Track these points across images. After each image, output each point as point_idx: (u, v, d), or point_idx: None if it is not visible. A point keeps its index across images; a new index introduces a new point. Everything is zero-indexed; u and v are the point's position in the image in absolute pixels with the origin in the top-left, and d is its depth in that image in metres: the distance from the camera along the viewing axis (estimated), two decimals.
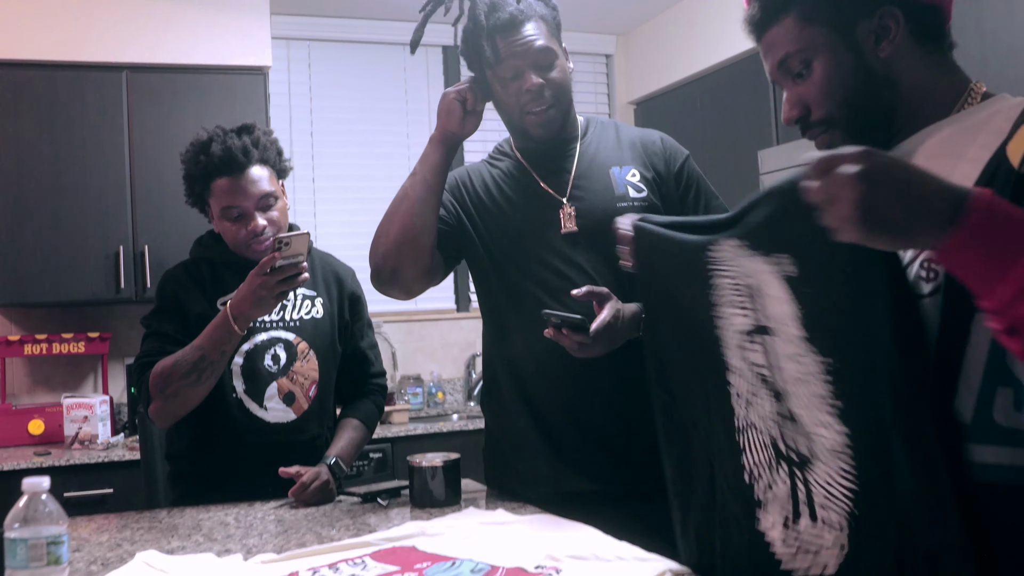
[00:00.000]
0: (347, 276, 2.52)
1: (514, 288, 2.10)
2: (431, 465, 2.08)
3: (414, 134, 4.89)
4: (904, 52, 1.29)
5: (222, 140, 2.26)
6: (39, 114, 3.85)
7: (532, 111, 2.04)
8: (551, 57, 2.03)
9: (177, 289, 2.32)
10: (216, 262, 2.36)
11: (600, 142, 2.17)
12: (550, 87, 2.03)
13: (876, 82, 1.29)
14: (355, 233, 4.68)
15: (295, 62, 4.72)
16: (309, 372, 2.34)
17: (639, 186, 2.11)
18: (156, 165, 3.93)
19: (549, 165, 2.13)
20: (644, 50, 5.05)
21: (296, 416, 2.31)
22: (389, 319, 4.56)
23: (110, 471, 3.46)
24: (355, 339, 2.49)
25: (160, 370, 2.17)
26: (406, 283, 2.10)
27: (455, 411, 4.68)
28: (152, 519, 2.10)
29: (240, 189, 2.25)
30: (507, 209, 2.12)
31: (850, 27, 1.29)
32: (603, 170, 2.12)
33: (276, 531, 1.91)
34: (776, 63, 1.35)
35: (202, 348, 2.14)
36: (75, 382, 4.23)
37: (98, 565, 1.69)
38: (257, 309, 2.11)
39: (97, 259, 3.89)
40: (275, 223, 2.30)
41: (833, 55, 1.30)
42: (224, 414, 2.25)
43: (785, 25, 1.32)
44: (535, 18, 2.02)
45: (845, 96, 1.30)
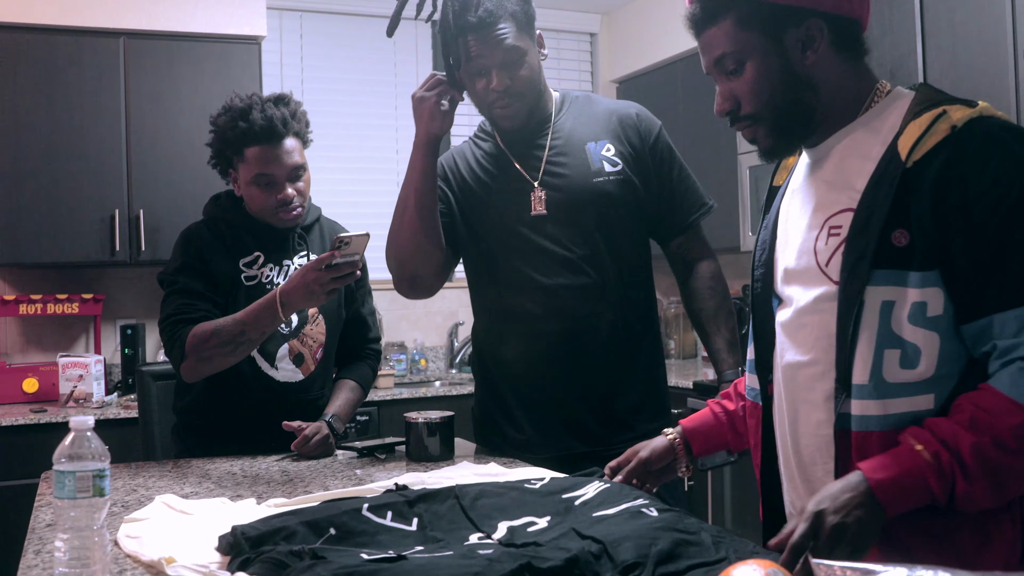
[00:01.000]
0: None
1: (496, 264, 2.21)
2: (427, 421, 2.20)
3: (402, 106, 4.98)
4: (825, 59, 1.44)
5: (262, 108, 2.30)
6: (37, 78, 3.91)
7: (497, 107, 2.14)
8: (518, 55, 2.10)
9: (203, 247, 2.36)
10: (235, 223, 2.41)
11: (576, 118, 2.24)
12: (516, 85, 2.12)
13: (799, 85, 1.44)
14: (344, 203, 4.77)
15: (287, 32, 4.79)
16: (317, 335, 2.43)
17: (614, 160, 2.19)
18: (152, 130, 4.01)
19: (524, 146, 2.21)
20: (628, 29, 5.15)
21: (303, 376, 2.41)
22: (375, 287, 4.63)
23: (105, 428, 3.48)
24: (356, 304, 2.58)
25: (199, 333, 2.21)
26: (426, 285, 2.26)
27: (437, 378, 4.81)
28: (160, 468, 2.22)
29: (275, 158, 2.30)
30: (485, 191, 2.23)
31: (780, 35, 1.42)
32: (579, 146, 2.20)
33: (282, 480, 2.03)
34: (712, 60, 1.48)
35: (244, 324, 2.18)
36: (67, 342, 4.32)
37: (118, 507, 1.81)
38: (306, 301, 2.15)
39: (92, 222, 3.97)
40: (302, 193, 2.37)
41: (763, 58, 1.43)
42: (237, 371, 2.31)
43: (723, 27, 1.45)
44: (505, 17, 2.07)
45: (771, 96, 1.44)
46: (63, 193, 3.93)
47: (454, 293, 4.99)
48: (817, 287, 1.43)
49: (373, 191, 4.83)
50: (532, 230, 2.16)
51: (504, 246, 2.19)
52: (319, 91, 4.85)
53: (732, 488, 3.59)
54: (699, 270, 2.29)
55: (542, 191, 2.17)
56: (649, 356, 2.26)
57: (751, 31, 1.43)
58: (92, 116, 3.98)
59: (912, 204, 1.32)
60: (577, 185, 2.16)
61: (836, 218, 1.42)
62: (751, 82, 1.45)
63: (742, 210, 4.02)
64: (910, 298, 1.32)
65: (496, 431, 2.27)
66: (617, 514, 1.44)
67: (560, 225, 2.15)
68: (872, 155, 1.40)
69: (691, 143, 4.46)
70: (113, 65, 4.01)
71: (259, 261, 2.38)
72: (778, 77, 1.44)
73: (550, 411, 2.18)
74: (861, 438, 1.35)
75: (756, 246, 1.63)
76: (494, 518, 1.46)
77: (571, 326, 2.14)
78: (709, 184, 4.26)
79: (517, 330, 2.20)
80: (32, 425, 3.58)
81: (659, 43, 4.80)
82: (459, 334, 4.97)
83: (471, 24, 2.06)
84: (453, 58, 2.12)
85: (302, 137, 2.39)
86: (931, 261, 1.31)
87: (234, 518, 1.57)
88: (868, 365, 1.34)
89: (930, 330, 1.32)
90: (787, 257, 1.51)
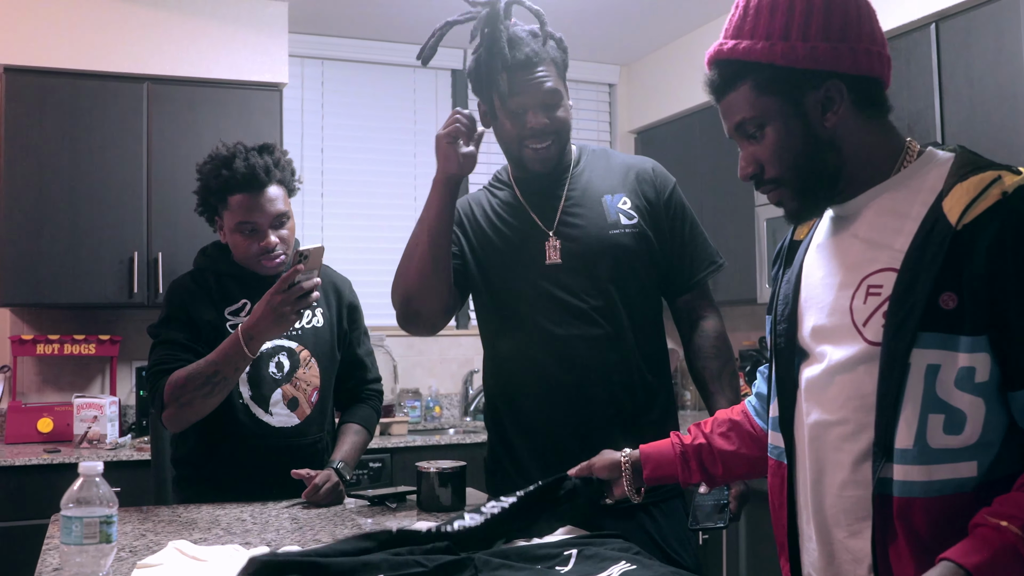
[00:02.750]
0: (345, 287, 2.61)
1: (508, 311, 2.21)
2: (439, 470, 2.19)
3: (421, 154, 5.02)
4: (847, 119, 1.42)
5: (244, 157, 2.33)
6: (62, 121, 3.96)
7: (533, 146, 2.15)
8: (558, 98, 2.13)
9: (186, 298, 2.39)
10: (222, 272, 2.43)
11: (592, 170, 2.26)
12: (553, 125, 2.14)
13: (822, 147, 1.42)
14: (361, 248, 4.82)
15: (309, 80, 4.85)
16: (311, 379, 2.43)
17: (631, 213, 2.20)
18: (173, 174, 4.05)
19: (541, 195, 2.22)
20: (647, 80, 5.18)
21: (299, 421, 2.41)
22: (391, 333, 4.66)
23: (118, 470, 3.55)
24: (353, 347, 2.59)
25: (175, 380, 2.23)
26: (430, 322, 2.23)
27: (451, 425, 4.79)
28: (171, 514, 2.20)
29: (258, 206, 2.33)
30: (500, 239, 2.22)
31: (799, 98, 1.41)
32: (595, 198, 2.21)
33: (291, 528, 2.02)
34: (733, 125, 1.47)
35: (216, 363, 2.20)
36: (83, 383, 4.33)
37: (127, 552, 1.79)
38: (277, 327, 2.17)
39: (112, 264, 3.99)
40: (285, 241, 2.39)
41: (784, 122, 1.42)
42: (231, 419, 2.32)
43: (742, 92, 1.44)
44: (547, 61, 2.13)
45: (794, 159, 1.43)
46: (83, 235, 3.96)
47: (469, 340, 4.99)
48: (851, 346, 1.40)
49: (391, 237, 4.84)
50: (546, 279, 2.16)
51: (516, 294, 2.19)
52: (339, 137, 4.89)
53: (747, 542, 3.55)
54: (704, 328, 2.26)
55: (557, 240, 2.17)
56: (663, 408, 2.25)
57: (770, 96, 1.43)
58: (114, 160, 4.02)
59: (964, 268, 1.30)
60: (592, 236, 2.16)
61: (875, 277, 1.39)
62: (772, 146, 1.44)
63: (759, 262, 4.02)
64: (959, 363, 1.30)
65: (507, 482, 2.25)
66: None
67: (574, 275, 2.15)
68: (912, 215, 1.38)
69: (709, 195, 4.47)
70: (136, 109, 4.06)
71: (246, 309, 2.39)
72: (800, 140, 1.43)
73: (561, 462, 2.15)
74: (904, 504, 1.32)
75: (776, 300, 1.60)
76: None
77: (583, 376, 2.13)
78: (726, 236, 4.31)
79: (528, 379, 2.18)
80: (45, 465, 3.57)
81: (678, 94, 4.82)
82: (474, 381, 4.95)
83: (519, 61, 2.09)
84: (492, 91, 2.13)
85: (287, 185, 2.41)
86: (981, 326, 1.30)
87: None
88: (913, 430, 1.32)
89: (977, 396, 1.30)
90: (815, 314, 1.49)
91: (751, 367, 4.46)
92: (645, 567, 1.50)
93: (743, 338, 4.75)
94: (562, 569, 1.52)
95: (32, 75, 3.95)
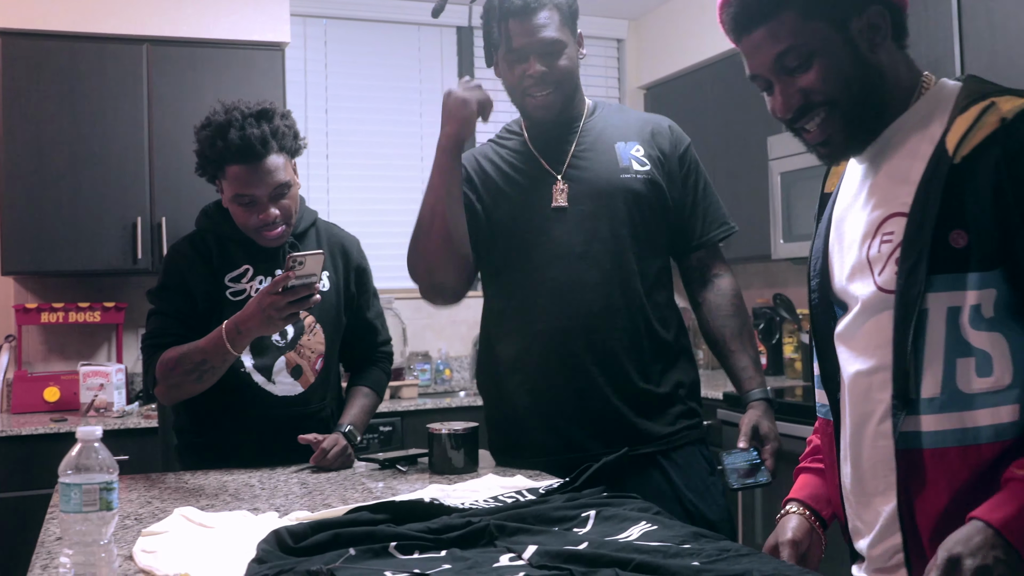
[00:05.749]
0: (353, 247, 2.52)
1: (511, 256, 2.17)
2: (451, 432, 2.14)
3: (427, 113, 4.93)
4: (888, 48, 1.37)
5: (240, 126, 2.19)
6: (60, 85, 3.89)
7: (533, 95, 2.12)
8: (558, 47, 2.09)
9: (183, 266, 2.32)
10: (224, 236, 2.34)
11: (606, 120, 2.23)
12: (554, 73, 2.10)
13: (871, 74, 1.36)
14: (367, 210, 4.76)
15: (311, 39, 4.76)
16: (316, 345, 2.37)
17: (643, 160, 2.16)
18: (175, 138, 3.97)
19: (551, 143, 2.19)
20: (655, 35, 5.08)
21: (303, 389, 2.35)
22: (400, 295, 4.61)
23: (126, 438, 3.52)
24: (362, 310, 2.52)
25: (166, 360, 2.18)
26: (454, 291, 2.21)
27: (462, 388, 4.75)
28: (177, 480, 2.16)
29: (255, 178, 2.21)
30: (508, 185, 2.19)
31: (846, 23, 1.35)
32: (608, 144, 2.18)
33: (301, 493, 1.97)
34: (772, 58, 1.38)
35: (205, 352, 2.12)
36: (89, 351, 4.29)
37: (132, 520, 1.76)
38: (264, 328, 2.06)
39: (115, 230, 3.94)
40: (286, 211, 2.27)
41: (833, 49, 1.35)
42: (233, 388, 2.26)
43: (784, 20, 1.35)
44: (549, 6, 2.08)
45: (847, 83, 1.36)
46: (85, 201, 3.91)
47: (479, 303, 4.91)
48: (870, 294, 1.36)
49: (398, 198, 4.78)
50: (550, 222, 2.12)
51: (520, 239, 2.14)
52: (343, 97, 4.81)
53: (763, 501, 3.50)
54: (720, 286, 2.23)
55: (564, 184, 2.14)
56: (677, 356, 2.20)
57: (817, 21, 1.34)
58: (115, 124, 3.95)
59: (967, 202, 1.26)
60: (602, 179, 2.13)
61: (887, 223, 1.35)
62: (821, 73, 1.36)
63: (773, 217, 3.94)
64: (968, 301, 1.26)
65: (509, 443, 2.21)
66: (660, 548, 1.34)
67: (580, 219, 2.11)
68: (921, 153, 1.34)
69: (722, 149, 4.39)
70: (136, 72, 3.98)
71: (248, 274, 2.32)
72: (850, 67, 1.35)
73: (560, 411, 2.11)
74: (937, 456, 1.27)
75: (811, 255, 1.56)
76: (526, 543, 1.38)
77: (584, 322, 2.09)
78: (740, 191, 4.23)
79: (528, 324, 2.13)
80: (52, 435, 3.54)
81: (687, 48, 4.73)
82: None
83: (515, 7, 2.07)
84: (494, 41, 2.12)
85: (288, 150, 2.28)
86: (991, 260, 1.25)
87: (256, 531, 1.51)
88: (939, 377, 1.27)
89: (993, 331, 1.25)
90: (842, 266, 1.45)
91: (765, 324, 4.40)
92: (666, 527, 1.45)
93: (757, 295, 4.69)
94: (580, 531, 1.47)
95: (29, 39, 3.88)
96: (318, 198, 4.69)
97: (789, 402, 3.52)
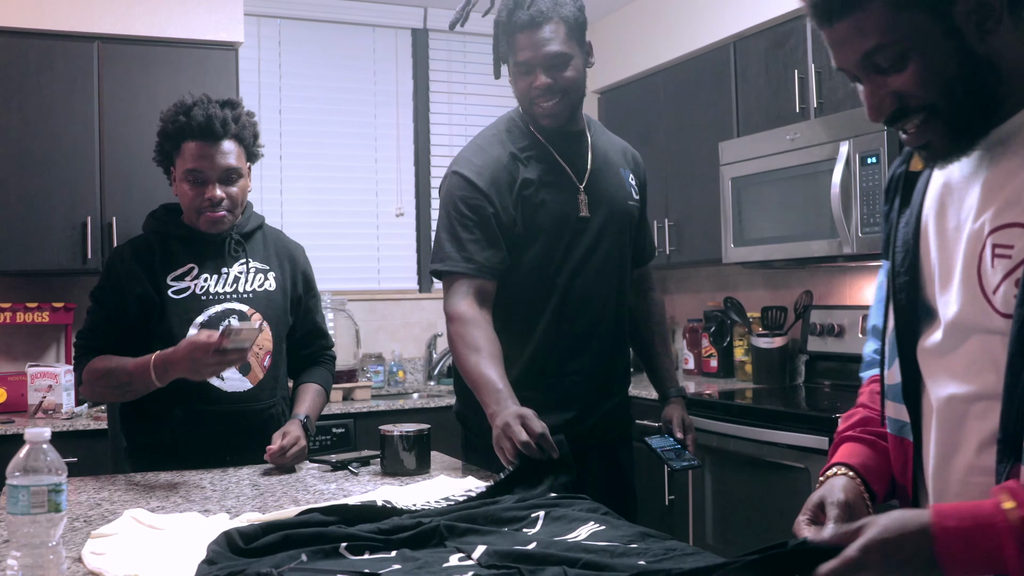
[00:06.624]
0: (299, 253, 2.60)
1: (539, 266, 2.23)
2: (403, 434, 2.15)
3: (381, 115, 4.94)
4: (1004, 32, 1.15)
5: (205, 107, 2.32)
6: (8, 82, 3.83)
7: (540, 104, 2.20)
8: (564, 59, 2.16)
9: (120, 270, 2.36)
10: (169, 235, 2.40)
11: (603, 141, 2.38)
12: (560, 84, 2.18)
13: (980, 69, 1.15)
14: (321, 211, 4.75)
15: (265, 39, 4.73)
16: (263, 342, 2.40)
17: (636, 189, 2.38)
18: (125, 136, 3.94)
19: (569, 153, 2.29)
20: (610, 40, 5.12)
21: (252, 385, 2.38)
22: (353, 297, 4.61)
23: (75, 439, 3.48)
24: (311, 313, 2.59)
25: (93, 370, 2.29)
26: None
27: (415, 390, 4.75)
28: (128, 481, 2.15)
29: (208, 156, 2.31)
30: (546, 192, 2.24)
31: (947, 10, 1.13)
32: (615, 168, 2.34)
33: (252, 494, 1.97)
34: (860, 55, 1.19)
35: (131, 375, 2.20)
36: (38, 352, 4.24)
37: (81, 522, 1.74)
38: (191, 375, 2.13)
39: (64, 229, 3.89)
40: (233, 198, 2.36)
41: (932, 46, 1.15)
42: (182, 384, 2.25)
43: (872, 12, 1.15)
44: (555, 19, 2.14)
45: (948, 84, 1.16)
46: (34, 200, 3.85)
47: (432, 304, 4.94)
48: (980, 312, 1.17)
49: (351, 199, 4.78)
50: (578, 232, 2.24)
51: (556, 244, 2.23)
52: (297, 98, 4.79)
53: (713, 503, 3.55)
54: (653, 298, 2.55)
55: (585, 196, 2.26)
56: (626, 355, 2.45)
57: (912, 12, 1.14)
58: (64, 122, 3.90)
59: None
60: (617, 201, 2.32)
61: (1002, 234, 1.14)
62: (918, 76, 1.16)
63: (724, 222, 3.99)
64: None
65: (480, 441, 2.23)
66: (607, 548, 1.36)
67: (598, 232, 2.26)
68: None
69: (674, 155, 4.43)
70: (87, 70, 3.94)
71: (192, 272, 2.37)
72: (954, 64, 1.15)
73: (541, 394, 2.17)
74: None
75: (894, 245, 1.34)
76: (476, 543, 1.40)
77: (594, 330, 2.27)
78: (692, 195, 4.29)
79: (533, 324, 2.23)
80: None
81: (642, 53, 4.77)
82: (438, 345, 4.91)
83: (522, 21, 2.14)
84: (501, 54, 2.22)
85: (244, 144, 2.39)
86: None
87: (206, 533, 1.51)
88: None
89: None
90: (941, 267, 1.24)
91: (716, 327, 4.45)
92: (614, 527, 1.47)
93: (708, 299, 4.74)
94: (530, 531, 1.49)
95: None
96: (271, 199, 4.67)
97: (740, 404, 3.57)
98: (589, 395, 2.27)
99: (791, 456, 3.13)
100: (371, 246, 4.86)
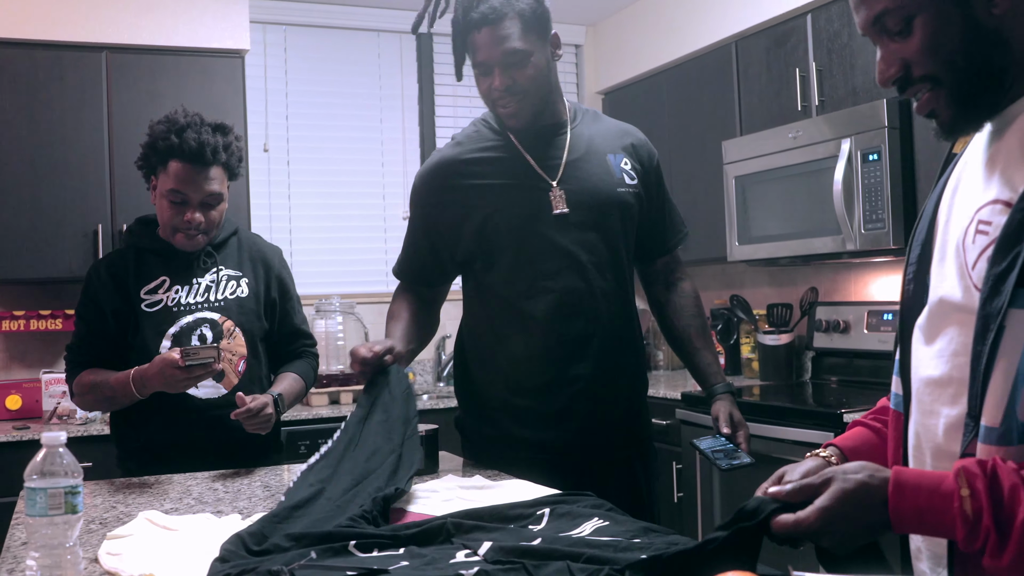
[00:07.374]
0: (274, 257, 2.64)
1: (514, 268, 2.17)
2: None
3: (387, 119, 4.97)
4: (1014, 4, 1.13)
5: (198, 130, 2.36)
6: (19, 93, 3.88)
7: (502, 106, 2.15)
8: (522, 56, 2.09)
9: (96, 286, 2.44)
10: (143, 248, 2.47)
11: (592, 128, 2.27)
12: (520, 83, 2.11)
13: (986, 42, 1.14)
14: (329, 215, 4.78)
15: (271, 46, 4.77)
16: (237, 349, 2.45)
17: (631, 174, 2.24)
18: (135, 144, 3.87)
19: (541, 149, 2.20)
20: (613, 41, 5.15)
21: (226, 391, 2.41)
22: (362, 300, 4.63)
23: (89, 445, 3.51)
24: (289, 316, 2.63)
25: (82, 383, 2.40)
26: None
27: (425, 391, 4.78)
28: (141, 484, 2.19)
29: (193, 181, 2.36)
30: (506, 192, 2.18)
31: None
32: (600, 155, 2.22)
33: (264, 495, 2.01)
34: (871, 17, 1.20)
35: (115, 391, 2.33)
36: (51, 359, 4.28)
37: (96, 524, 1.78)
38: (166, 389, 2.25)
39: (75, 237, 3.93)
40: (211, 221, 2.42)
41: (938, 12, 1.15)
42: (160, 395, 2.31)
43: None
44: (510, 15, 2.07)
45: (950, 55, 1.16)
46: (46, 208, 3.90)
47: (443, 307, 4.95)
48: (962, 289, 1.16)
49: (359, 204, 4.81)
50: (554, 229, 2.15)
51: (524, 244, 2.16)
52: (303, 104, 4.83)
53: (721, 500, 3.57)
54: (684, 289, 2.37)
55: (560, 191, 2.16)
56: (638, 357, 2.32)
57: None
58: (75, 131, 3.95)
59: None
60: (601, 191, 2.18)
61: (986, 211, 1.14)
62: (922, 42, 1.16)
63: (728, 220, 4.02)
64: None
65: (483, 444, 2.26)
66: (611, 543, 1.39)
67: (584, 228, 2.16)
68: None
69: (678, 154, 4.46)
70: (95, 79, 3.99)
71: (164, 285, 2.43)
72: (958, 34, 1.14)
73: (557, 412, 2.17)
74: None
75: (919, 219, 1.34)
76: (482, 539, 1.43)
77: (587, 329, 2.16)
78: (696, 195, 4.30)
79: (527, 332, 2.17)
80: (14, 442, 3.53)
81: (644, 54, 4.80)
82: (446, 347, 4.94)
83: (474, 21, 2.08)
84: (460, 56, 2.16)
85: (230, 169, 2.44)
86: None
87: (219, 534, 1.55)
88: (1001, 406, 1.07)
89: None
90: (943, 246, 1.24)
91: (722, 325, 4.47)
92: (618, 523, 1.50)
93: (714, 297, 4.76)
94: (535, 527, 1.52)
95: None
96: (280, 204, 4.70)
97: (747, 401, 3.59)
98: (591, 404, 2.17)
99: (798, 452, 3.14)
100: (379, 249, 4.89)
